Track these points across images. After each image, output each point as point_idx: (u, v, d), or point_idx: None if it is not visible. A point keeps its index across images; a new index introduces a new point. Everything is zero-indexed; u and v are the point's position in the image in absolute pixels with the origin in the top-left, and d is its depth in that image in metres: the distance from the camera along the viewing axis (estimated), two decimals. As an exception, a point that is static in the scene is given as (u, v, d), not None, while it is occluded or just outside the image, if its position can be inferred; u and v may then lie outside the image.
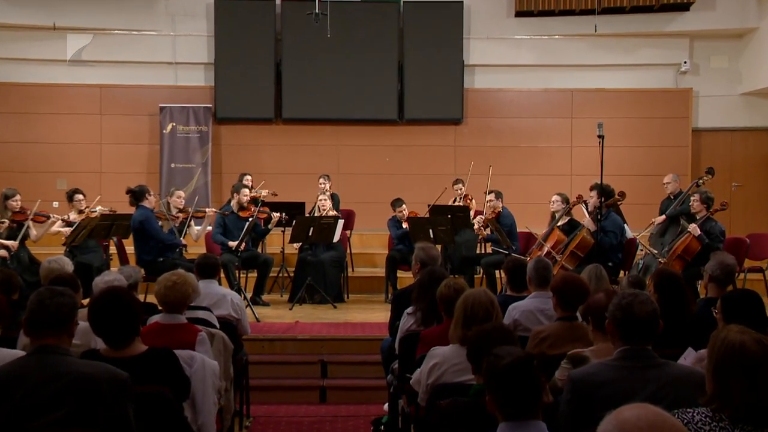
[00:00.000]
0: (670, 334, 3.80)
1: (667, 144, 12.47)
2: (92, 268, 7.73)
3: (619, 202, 8.75)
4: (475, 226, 9.15)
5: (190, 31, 12.43)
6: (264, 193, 10.23)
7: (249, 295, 8.68)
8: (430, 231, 8.67)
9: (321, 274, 9.05)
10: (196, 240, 8.74)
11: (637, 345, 2.81)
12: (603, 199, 7.52)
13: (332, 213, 9.47)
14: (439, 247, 9.04)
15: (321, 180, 10.53)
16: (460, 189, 10.29)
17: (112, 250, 8.71)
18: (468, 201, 10.18)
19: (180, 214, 8.48)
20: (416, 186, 12.22)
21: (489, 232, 8.95)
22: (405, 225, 9.23)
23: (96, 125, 12.39)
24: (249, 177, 10.54)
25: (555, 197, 8.58)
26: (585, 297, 4.06)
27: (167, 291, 4.12)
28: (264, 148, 12.56)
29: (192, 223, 8.57)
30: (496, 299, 3.77)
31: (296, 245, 9.42)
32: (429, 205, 9.82)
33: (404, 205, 9.42)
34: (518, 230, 9.06)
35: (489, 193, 9.20)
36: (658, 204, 9.47)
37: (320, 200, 9.51)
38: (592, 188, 7.96)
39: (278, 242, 10.20)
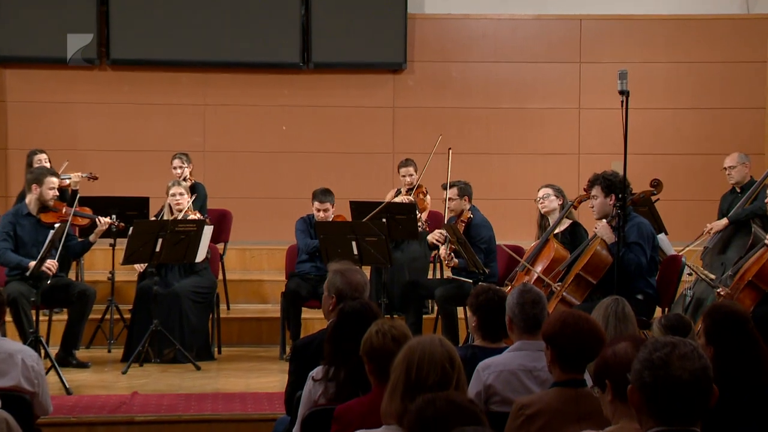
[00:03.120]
0: (729, 408, 3.86)
1: (731, 105, 12.78)
2: None
3: (653, 197, 8.90)
4: (433, 242, 9.15)
5: None
6: (74, 177, 10.00)
7: (55, 351, 8.54)
8: (354, 244, 8.67)
9: (176, 314, 8.97)
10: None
11: (678, 424, 2.85)
12: (621, 196, 7.61)
13: (193, 215, 9.38)
14: (367, 270, 9.05)
15: (176, 162, 10.42)
16: (411, 175, 10.30)
17: None
18: (419, 196, 10.22)
19: None
20: (333, 171, 12.22)
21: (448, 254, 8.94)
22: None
23: None
24: (44, 156, 10.30)
25: (544, 191, 8.66)
26: (598, 349, 4.10)
27: None
28: (79, 108, 12.38)
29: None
30: (458, 353, 3.79)
31: (138, 267, 9.32)
32: (351, 202, 9.83)
33: (330, 203, 9.33)
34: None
35: (450, 187, 9.22)
36: (717, 201, 9.69)
37: (174, 194, 9.42)
38: (592, 184, 7.99)
39: (104, 263, 10.02)
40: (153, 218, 9.66)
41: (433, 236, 9.19)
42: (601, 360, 3.66)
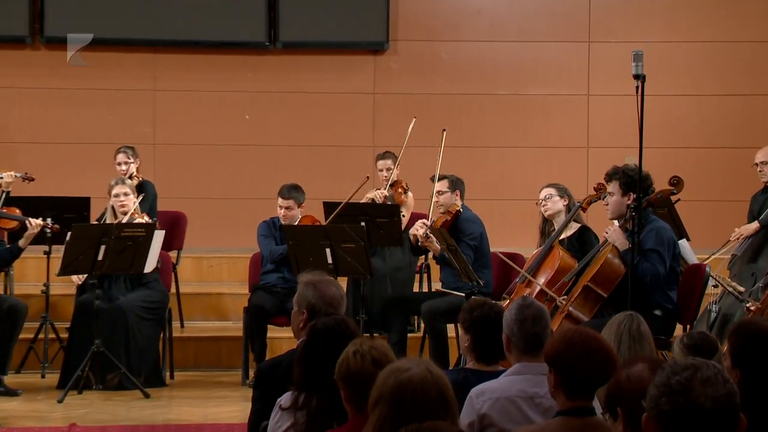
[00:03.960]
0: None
1: (764, 90, 12.82)
2: None
3: (672, 197, 8.91)
4: (412, 231, 9.18)
5: None
6: (7, 178, 9.98)
7: (-20, 375, 8.52)
8: (328, 251, 8.67)
9: (121, 333, 8.94)
10: None
11: (700, 459, 2.86)
12: (638, 196, 7.62)
13: (141, 218, 9.35)
14: (344, 281, 9.04)
15: (120, 157, 10.38)
16: (389, 169, 10.29)
17: None
18: (398, 191, 10.20)
19: None
20: (304, 167, 12.20)
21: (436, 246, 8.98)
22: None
23: None
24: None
25: (546, 191, 8.65)
26: (609, 372, 4.12)
27: None
28: (8, 94, 12.33)
29: None
30: (449, 382, 3.78)
31: (75, 279, 9.29)
32: (325, 203, 9.82)
33: (295, 201, 9.34)
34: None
35: (439, 180, 9.24)
36: (746, 202, 9.71)
37: (117, 194, 9.38)
38: (610, 178, 8.04)
39: (37, 273, 9.97)
40: (95, 222, 9.62)
41: (416, 228, 9.16)
42: (613, 385, 3.68)
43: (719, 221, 10.42)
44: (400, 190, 10.20)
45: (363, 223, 9.07)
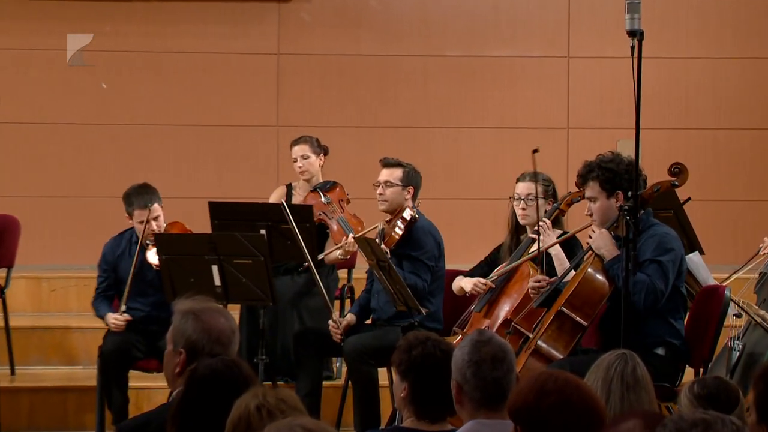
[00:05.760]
0: None
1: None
2: None
3: (675, 189, 8.94)
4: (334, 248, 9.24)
5: None
6: None
7: None
8: (215, 269, 8.67)
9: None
10: None
11: None
12: (636, 192, 7.67)
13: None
14: (236, 310, 9.05)
15: None
16: (306, 158, 10.25)
17: None
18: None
19: None
20: (182, 154, 12.18)
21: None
22: (155, 254, 9.21)
23: None
24: None
25: (526, 188, 8.66)
26: (594, 430, 4.17)
27: None
28: None
29: None
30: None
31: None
32: (211, 204, 9.83)
33: (159, 205, 9.36)
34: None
35: (391, 166, 9.15)
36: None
37: None
38: (584, 178, 7.96)
39: None
40: None
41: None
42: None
43: (742, 228, 10.54)
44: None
45: (263, 231, 9.08)
